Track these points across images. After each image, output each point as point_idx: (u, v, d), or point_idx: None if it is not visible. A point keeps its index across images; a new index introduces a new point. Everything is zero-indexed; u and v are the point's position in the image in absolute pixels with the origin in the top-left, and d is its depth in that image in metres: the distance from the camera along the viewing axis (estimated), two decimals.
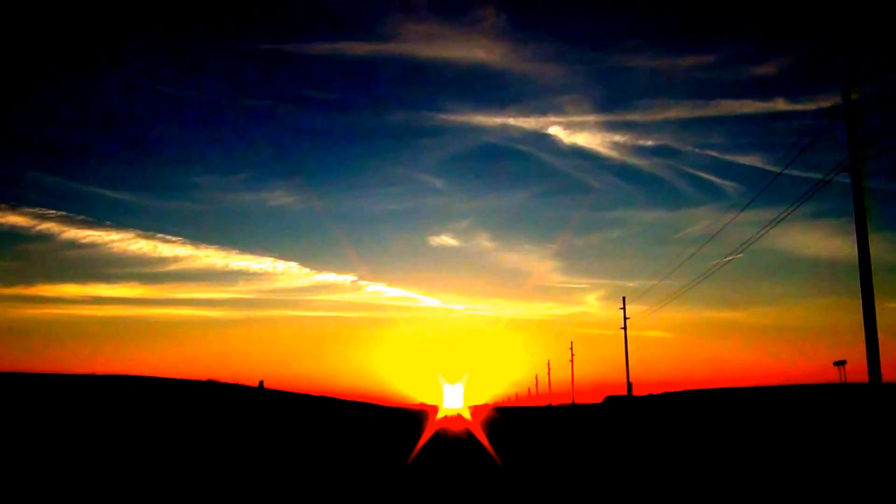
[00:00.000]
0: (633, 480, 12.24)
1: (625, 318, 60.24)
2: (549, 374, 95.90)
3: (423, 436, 28.09)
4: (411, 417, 56.69)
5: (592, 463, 15.45)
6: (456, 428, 39.83)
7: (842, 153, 22.29)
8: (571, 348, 76.39)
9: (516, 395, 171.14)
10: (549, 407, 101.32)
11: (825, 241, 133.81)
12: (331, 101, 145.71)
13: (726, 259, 33.03)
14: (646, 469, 14.06)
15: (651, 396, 68.94)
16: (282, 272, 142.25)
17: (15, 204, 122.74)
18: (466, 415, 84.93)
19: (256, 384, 41.12)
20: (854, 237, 21.78)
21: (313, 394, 39.35)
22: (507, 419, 55.09)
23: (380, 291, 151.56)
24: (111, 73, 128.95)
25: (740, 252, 31.85)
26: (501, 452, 18.52)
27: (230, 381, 39.02)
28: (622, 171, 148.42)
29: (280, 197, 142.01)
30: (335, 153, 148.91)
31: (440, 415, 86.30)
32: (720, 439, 22.02)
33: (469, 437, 26.80)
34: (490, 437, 26.15)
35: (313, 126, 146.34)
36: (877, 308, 21.25)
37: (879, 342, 20.89)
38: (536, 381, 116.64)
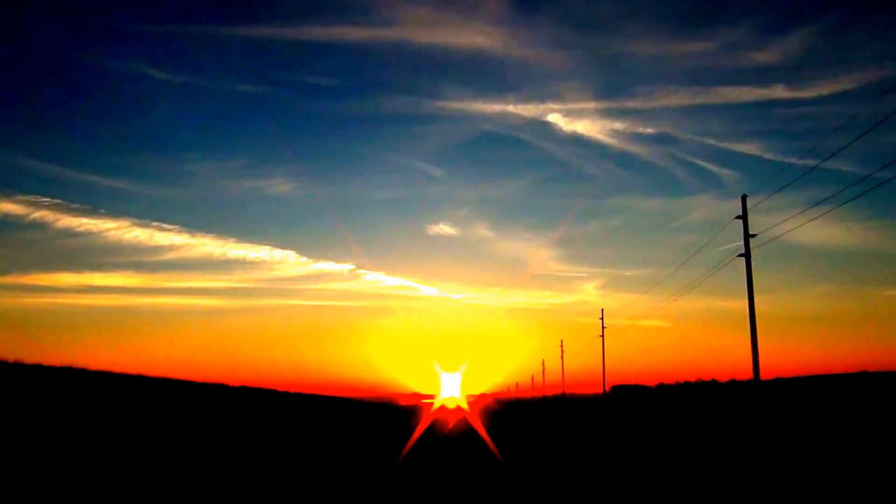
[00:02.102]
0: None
1: (747, 250, 44.69)
2: (562, 358, 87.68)
3: (407, 444, 22.15)
4: (390, 421, 36.16)
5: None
6: (455, 419, 34.34)
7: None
8: (602, 321, 65.02)
9: (517, 384, 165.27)
10: (563, 397, 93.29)
11: (824, 230, 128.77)
12: (329, 88, 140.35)
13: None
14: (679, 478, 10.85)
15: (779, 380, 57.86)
16: (279, 261, 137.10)
17: (9, 192, 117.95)
18: (465, 405, 79.17)
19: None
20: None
21: (230, 384, 32.20)
22: (518, 416, 49.23)
23: (378, 280, 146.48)
24: (106, 60, 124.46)
25: (764, 241, 26.60)
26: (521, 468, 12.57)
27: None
28: (621, 159, 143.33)
29: (278, 185, 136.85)
30: (333, 140, 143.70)
31: (437, 405, 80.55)
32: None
33: (472, 438, 20.91)
34: (499, 441, 20.16)
35: (311, 112, 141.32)
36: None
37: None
38: (543, 367, 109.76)
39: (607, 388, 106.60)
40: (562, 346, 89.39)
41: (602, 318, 64.92)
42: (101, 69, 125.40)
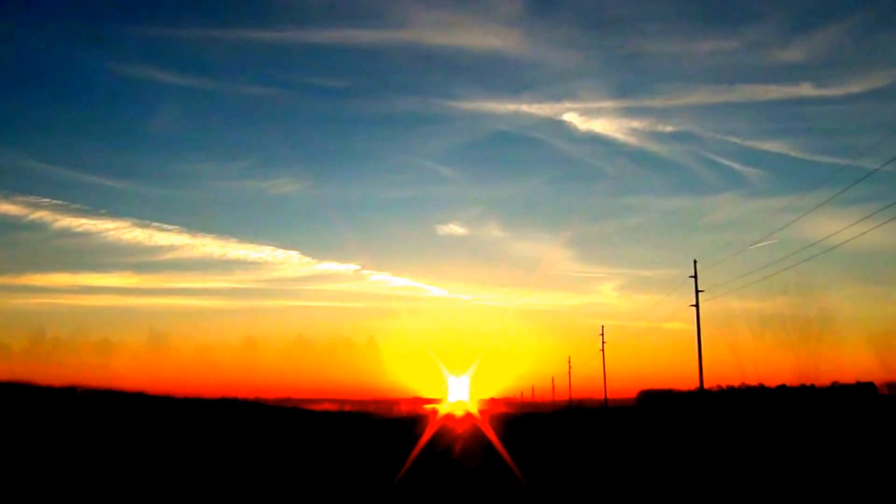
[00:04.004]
0: None
1: None
2: (602, 352, 67.13)
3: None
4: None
5: None
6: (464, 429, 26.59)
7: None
8: (696, 283, 47.31)
9: (533, 388, 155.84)
10: (605, 407, 74.96)
11: (857, 229, 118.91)
12: (338, 90, 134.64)
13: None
14: None
15: None
16: (282, 261, 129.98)
17: (8, 192, 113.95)
18: (476, 413, 70.77)
19: None
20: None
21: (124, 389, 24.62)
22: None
23: (384, 281, 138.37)
24: (111, 61, 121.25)
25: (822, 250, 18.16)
26: None
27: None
28: (640, 158, 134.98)
29: (282, 185, 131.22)
30: (341, 141, 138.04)
31: (442, 412, 72.22)
32: None
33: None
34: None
35: (320, 114, 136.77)
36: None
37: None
38: (569, 365, 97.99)
39: (634, 395, 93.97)
40: (602, 333, 71.29)
41: (695, 276, 42.01)
42: (105, 70, 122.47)
